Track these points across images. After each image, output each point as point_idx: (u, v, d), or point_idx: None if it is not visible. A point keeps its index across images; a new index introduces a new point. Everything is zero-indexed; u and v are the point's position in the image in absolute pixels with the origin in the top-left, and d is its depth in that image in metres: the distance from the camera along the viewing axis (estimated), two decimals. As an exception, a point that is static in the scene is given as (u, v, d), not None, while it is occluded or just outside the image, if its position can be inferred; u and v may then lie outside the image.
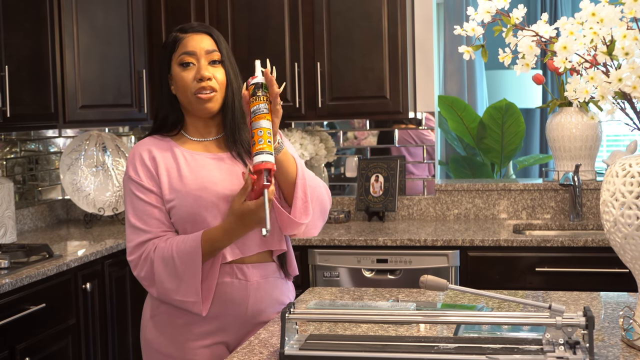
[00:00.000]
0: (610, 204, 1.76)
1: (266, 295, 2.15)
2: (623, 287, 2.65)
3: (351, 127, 4.33)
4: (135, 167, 2.12)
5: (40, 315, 2.98)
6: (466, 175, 5.96)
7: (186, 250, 2.01)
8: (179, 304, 2.07)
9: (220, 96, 2.13)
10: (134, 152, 2.15)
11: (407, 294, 2.38)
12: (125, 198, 2.14)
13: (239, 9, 3.99)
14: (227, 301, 2.10)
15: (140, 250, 2.07)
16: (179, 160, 2.12)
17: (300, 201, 2.05)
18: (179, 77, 2.12)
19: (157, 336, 2.15)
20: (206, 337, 2.12)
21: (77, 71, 3.76)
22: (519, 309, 2.17)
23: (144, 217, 2.08)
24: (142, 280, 2.09)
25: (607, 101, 1.73)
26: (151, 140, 2.18)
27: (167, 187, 2.09)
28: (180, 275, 2.02)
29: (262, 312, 2.15)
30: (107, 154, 4.20)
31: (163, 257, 2.03)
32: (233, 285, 2.10)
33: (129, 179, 2.12)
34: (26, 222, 4.01)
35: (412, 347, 1.75)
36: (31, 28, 3.54)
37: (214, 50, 2.13)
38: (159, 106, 2.20)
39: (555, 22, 1.79)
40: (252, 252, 2.11)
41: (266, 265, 2.15)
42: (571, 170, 3.92)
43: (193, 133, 2.18)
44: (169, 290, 2.05)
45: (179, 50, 2.12)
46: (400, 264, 3.54)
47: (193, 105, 2.12)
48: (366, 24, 3.86)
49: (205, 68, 2.10)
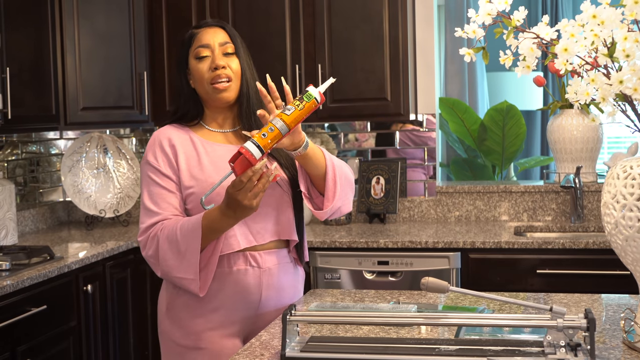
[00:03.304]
0: (611, 206, 1.76)
1: (279, 281, 2.21)
2: (624, 289, 2.65)
3: (352, 129, 4.33)
4: (154, 152, 2.19)
5: (42, 317, 2.98)
6: (467, 177, 5.96)
7: (188, 228, 2.06)
8: (178, 281, 2.12)
9: (236, 85, 2.20)
10: (154, 139, 2.22)
11: (408, 296, 2.38)
12: (142, 182, 2.21)
13: (240, 11, 3.99)
14: (241, 289, 2.15)
15: (149, 230, 2.14)
16: (199, 150, 2.19)
17: (330, 182, 2.15)
18: (195, 69, 2.20)
19: (173, 328, 2.20)
20: (222, 327, 2.17)
21: (78, 73, 3.77)
22: (520, 311, 2.17)
23: (158, 200, 2.15)
24: (148, 259, 2.15)
25: (608, 103, 1.73)
26: (171, 128, 2.24)
27: (186, 174, 2.16)
28: (182, 253, 2.07)
29: (274, 298, 2.20)
30: (109, 155, 4.20)
31: (168, 234, 2.09)
32: (247, 272, 2.15)
33: (147, 163, 2.19)
34: (27, 223, 4.01)
35: (413, 349, 1.75)
36: (33, 30, 3.54)
37: (227, 43, 2.21)
38: (179, 100, 2.27)
39: (556, 24, 1.79)
40: (265, 240, 2.18)
41: (278, 252, 2.21)
42: (572, 172, 3.92)
43: (212, 124, 2.26)
44: (171, 267, 2.10)
45: (195, 44, 2.22)
46: (402, 266, 3.54)
47: (210, 95, 2.20)
48: (367, 26, 3.86)
49: (219, 57, 2.18)
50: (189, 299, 2.17)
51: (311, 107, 1.94)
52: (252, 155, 1.86)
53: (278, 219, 2.20)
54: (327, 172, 2.15)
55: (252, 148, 1.86)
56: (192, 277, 2.08)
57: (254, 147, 1.86)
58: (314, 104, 1.95)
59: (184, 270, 2.08)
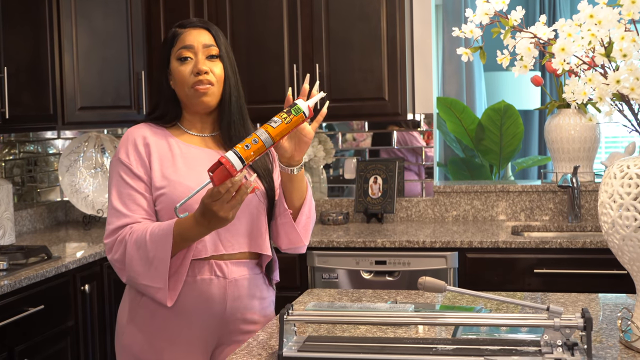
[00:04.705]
0: (608, 205, 1.76)
1: (248, 293, 2.14)
2: (621, 288, 2.66)
3: (350, 129, 4.33)
4: (127, 150, 2.11)
5: (39, 316, 2.98)
6: (465, 176, 5.96)
7: (159, 234, 1.98)
8: (144, 289, 2.04)
9: (218, 91, 2.12)
10: (127, 136, 2.14)
11: (405, 295, 2.38)
12: (110, 179, 2.12)
13: (237, 10, 3.99)
14: (205, 299, 2.09)
15: (117, 233, 2.06)
16: (174, 151, 2.12)
17: (304, 217, 2.12)
18: (177, 71, 2.12)
19: (135, 341, 2.12)
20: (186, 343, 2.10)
21: (76, 73, 3.76)
22: (517, 310, 2.17)
23: (127, 201, 2.07)
24: (114, 263, 2.07)
25: (605, 103, 1.74)
26: (147, 126, 2.17)
27: (158, 174, 2.08)
28: (150, 260, 1.99)
29: (241, 309, 2.13)
30: (106, 155, 4.20)
31: (137, 239, 2.01)
32: (212, 282, 2.08)
33: (118, 161, 2.11)
34: (25, 223, 4.01)
35: (410, 349, 1.75)
36: (30, 30, 3.54)
37: (211, 45, 2.13)
38: (158, 101, 2.19)
39: (554, 24, 1.80)
40: (234, 250, 2.10)
41: (248, 263, 2.14)
42: (570, 171, 3.93)
43: (189, 127, 2.19)
44: (137, 273, 2.02)
45: (178, 44, 2.13)
46: (399, 265, 3.54)
47: (190, 99, 2.12)
48: (365, 25, 3.86)
49: (202, 62, 2.10)
50: (154, 309, 2.08)
51: (298, 121, 1.88)
52: (232, 166, 1.78)
53: (250, 229, 2.12)
54: (303, 205, 2.11)
55: (233, 159, 1.78)
56: (160, 286, 2.01)
57: (235, 158, 1.78)
58: (301, 118, 1.88)
59: (151, 278, 2.01)
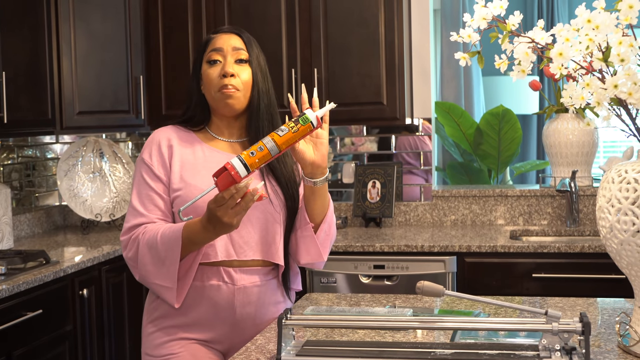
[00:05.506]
0: (606, 210, 1.76)
1: (259, 300, 2.13)
2: (619, 293, 2.66)
3: (348, 133, 4.33)
4: (150, 151, 2.15)
5: (37, 321, 2.97)
6: (463, 181, 5.97)
7: (169, 236, 2.01)
8: (155, 288, 2.08)
9: (244, 96, 2.13)
10: (153, 137, 2.17)
11: (404, 299, 2.38)
12: (134, 179, 2.17)
13: (236, 15, 3.99)
14: (214, 305, 2.10)
15: (132, 231, 2.10)
16: (197, 155, 2.14)
17: (323, 233, 2.11)
18: (206, 74, 2.14)
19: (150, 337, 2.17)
20: (199, 346, 2.13)
21: (75, 77, 3.76)
22: (515, 315, 2.17)
23: (145, 201, 2.11)
24: (128, 260, 2.11)
25: (603, 107, 1.74)
26: (174, 129, 2.20)
27: (177, 177, 2.10)
28: (162, 260, 2.02)
29: (252, 316, 2.13)
30: (104, 160, 4.20)
31: (149, 239, 2.04)
32: (220, 289, 2.09)
33: (142, 161, 2.15)
34: (23, 228, 4.01)
35: (408, 353, 1.75)
36: (29, 34, 3.54)
37: (241, 49, 2.14)
38: (188, 104, 2.22)
39: (552, 29, 1.80)
40: (246, 256, 2.10)
41: (257, 270, 2.13)
42: (568, 176, 3.93)
43: (217, 132, 2.20)
44: (149, 272, 2.06)
45: (209, 48, 2.16)
46: (397, 270, 3.54)
47: (217, 102, 2.13)
48: (363, 30, 3.87)
49: (229, 65, 2.11)
50: (167, 310, 2.12)
51: (306, 130, 1.88)
52: (237, 172, 1.79)
53: (264, 237, 2.11)
54: (323, 222, 2.10)
55: (238, 165, 1.79)
56: (170, 285, 2.04)
57: (240, 164, 1.79)
58: (309, 127, 1.88)
59: (162, 278, 2.04)
